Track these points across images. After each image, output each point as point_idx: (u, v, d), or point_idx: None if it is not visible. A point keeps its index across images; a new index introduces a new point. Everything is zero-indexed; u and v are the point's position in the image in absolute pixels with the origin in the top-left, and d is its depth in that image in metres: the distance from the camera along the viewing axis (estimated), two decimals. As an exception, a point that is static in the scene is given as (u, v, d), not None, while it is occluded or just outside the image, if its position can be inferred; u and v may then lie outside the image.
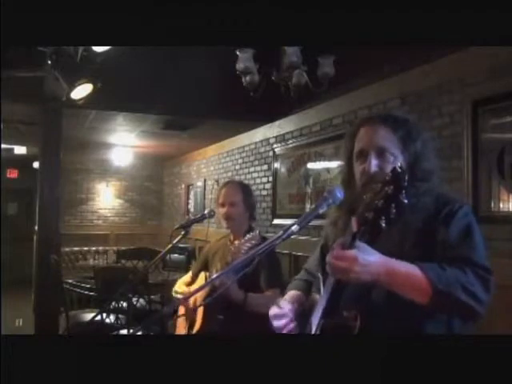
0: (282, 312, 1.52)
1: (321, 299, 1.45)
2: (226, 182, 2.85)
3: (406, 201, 1.13)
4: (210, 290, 2.30)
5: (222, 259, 2.59)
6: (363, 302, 1.33)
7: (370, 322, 1.29)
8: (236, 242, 2.49)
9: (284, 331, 1.48)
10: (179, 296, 2.67)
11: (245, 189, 2.72)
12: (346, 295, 1.36)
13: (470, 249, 1.30)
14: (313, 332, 1.39)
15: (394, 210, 1.14)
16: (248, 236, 2.35)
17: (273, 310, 1.54)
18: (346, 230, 1.44)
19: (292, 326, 1.50)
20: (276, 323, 1.50)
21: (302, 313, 1.56)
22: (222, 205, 2.65)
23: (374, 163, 1.41)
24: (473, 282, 1.23)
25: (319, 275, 1.54)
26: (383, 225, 1.16)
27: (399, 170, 1.14)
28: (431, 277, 1.21)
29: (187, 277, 2.84)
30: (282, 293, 2.44)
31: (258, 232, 2.34)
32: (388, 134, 1.44)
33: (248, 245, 2.30)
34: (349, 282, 1.26)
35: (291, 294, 1.67)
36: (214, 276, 2.14)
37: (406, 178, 1.14)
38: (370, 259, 1.21)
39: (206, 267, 2.74)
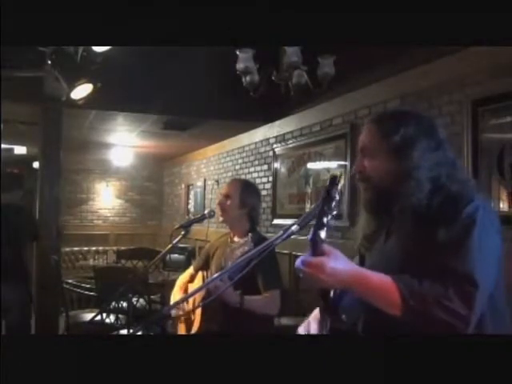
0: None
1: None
2: (232, 179, 2.89)
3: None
4: (206, 292, 2.30)
5: (218, 260, 2.60)
6: (362, 305, 1.30)
7: (370, 326, 1.28)
8: (231, 246, 2.50)
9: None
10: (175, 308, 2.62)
11: (246, 185, 2.69)
12: (345, 299, 1.34)
13: (461, 256, 1.21)
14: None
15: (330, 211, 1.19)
16: (241, 241, 2.36)
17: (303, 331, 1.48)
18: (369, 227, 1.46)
19: None
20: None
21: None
22: (219, 196, 2.67)
23: (357, 163, 1.45)
24: (452, 298, 1.16)
25: None
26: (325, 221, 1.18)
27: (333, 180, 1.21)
28: (403, 292, 1.17)
29: (186, 275, 2.83)
30: (282, 293, 2.45)
31: (250, 237, 2.33)
32: (370, 132, 1.44)
33: (241, 250, 2.31)
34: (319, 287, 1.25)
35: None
36: (208, 280, 2.14)
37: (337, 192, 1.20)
38: (337, 267, 1.17)
39: (207, 263, 2.74)
